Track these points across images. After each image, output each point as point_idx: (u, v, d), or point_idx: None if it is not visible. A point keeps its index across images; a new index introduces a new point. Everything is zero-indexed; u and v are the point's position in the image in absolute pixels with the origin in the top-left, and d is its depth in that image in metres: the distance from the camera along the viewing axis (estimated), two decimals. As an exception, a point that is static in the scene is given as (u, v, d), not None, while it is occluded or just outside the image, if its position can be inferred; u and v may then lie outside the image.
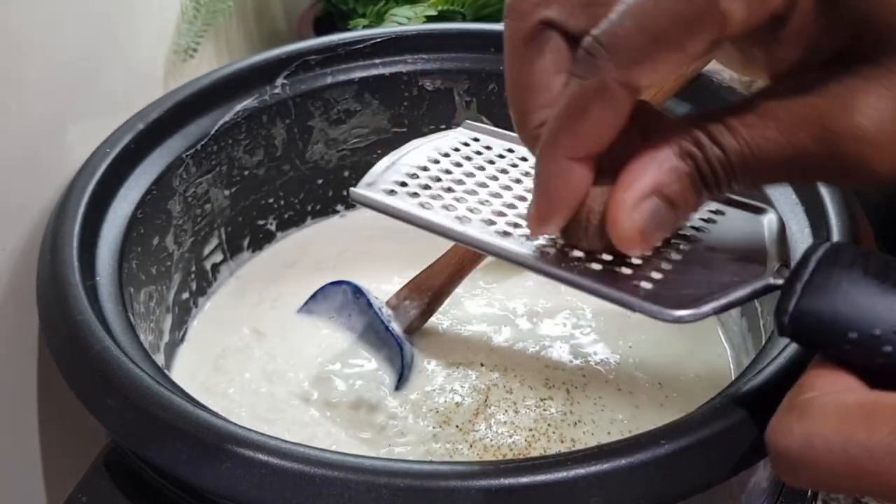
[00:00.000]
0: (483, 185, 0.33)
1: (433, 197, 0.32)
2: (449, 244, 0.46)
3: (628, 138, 0.27)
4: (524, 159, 0.34)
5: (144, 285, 0.45)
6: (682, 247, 0.30)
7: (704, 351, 0.47)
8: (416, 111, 0.55)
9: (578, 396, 0.43)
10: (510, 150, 0.35)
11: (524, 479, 0.29)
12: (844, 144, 0.24)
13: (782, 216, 0.41)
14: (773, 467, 0.25)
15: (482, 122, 0.37)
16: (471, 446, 0.41)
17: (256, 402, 0.44)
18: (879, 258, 0.26)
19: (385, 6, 0.71)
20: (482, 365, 0.45)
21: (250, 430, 0.31)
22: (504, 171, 0.34)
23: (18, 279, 0.44)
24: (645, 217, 0.26)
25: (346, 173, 0.56)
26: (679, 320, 0.27)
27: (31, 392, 0.46)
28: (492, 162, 0.34)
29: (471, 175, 0.34)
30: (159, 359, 0.45)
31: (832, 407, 0.24)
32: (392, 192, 0.32)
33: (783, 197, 0.43)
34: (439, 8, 0.69)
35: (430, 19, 0.67)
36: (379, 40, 0.54)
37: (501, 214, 0.31)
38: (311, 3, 0.78)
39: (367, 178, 0.33)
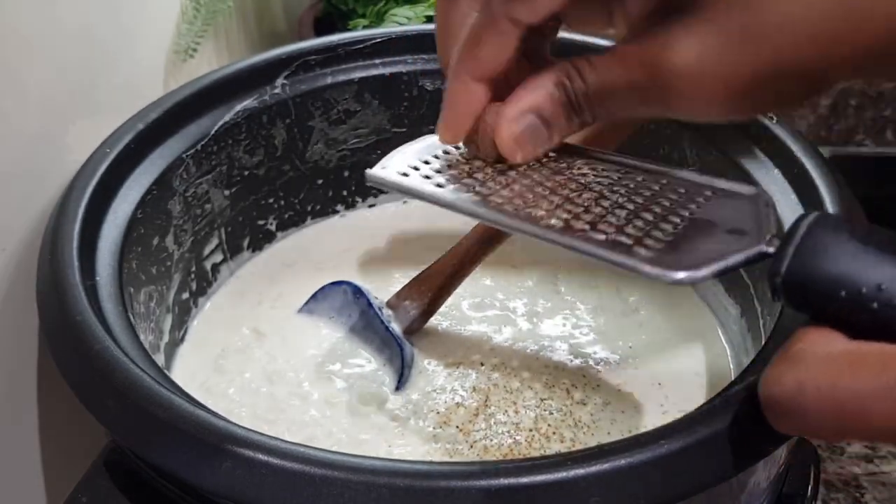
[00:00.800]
0: (497, 170, 0.35)
1: (446, 179, 0.35)
2: (448, 245, 0.46)
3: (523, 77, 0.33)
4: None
5: (144, 285, 0.45)
6: (680, 221, 0.32)
7: (704, 351, 0.47)
8: (416, 111, 0.55)
9: (578, 396, 0.43)
10: None
11: (524, 480, 0.29)
12: (664, 76, 0.30)
13: (782, 217, 0.42)
14: (766, 415, 0.27)
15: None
16: (471, 446, 0.41)
17: (256, 402, 0.44)
18: (863, 225, 0.29)
19: (385, 6, 0.71)
20: (482, 365, 0.45)
21: (250, 430, 0.31)
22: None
23: (19, 279, 0.44)
24: (522, 128, 0.33)
25: (346, 173, 0.56)
26: (678, 282, 0.29)
27: (31, 392, 0.46)
28: None
29: (483, 162, 0.36)
30: (159, 359, 0.45)
31: (821, 355, 0.26)
32: (406, 175, 0.35)
33: (784, 196, 0.43)
34: (439, 8, 0.68)
35: (430, 19, 0.67)
36: (379, 40, 0.54)
37: (511, 196, 0.33)
38: (311, 4, 0.78)
39: (382, 162, 0.36)
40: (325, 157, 0.55)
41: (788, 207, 0.42)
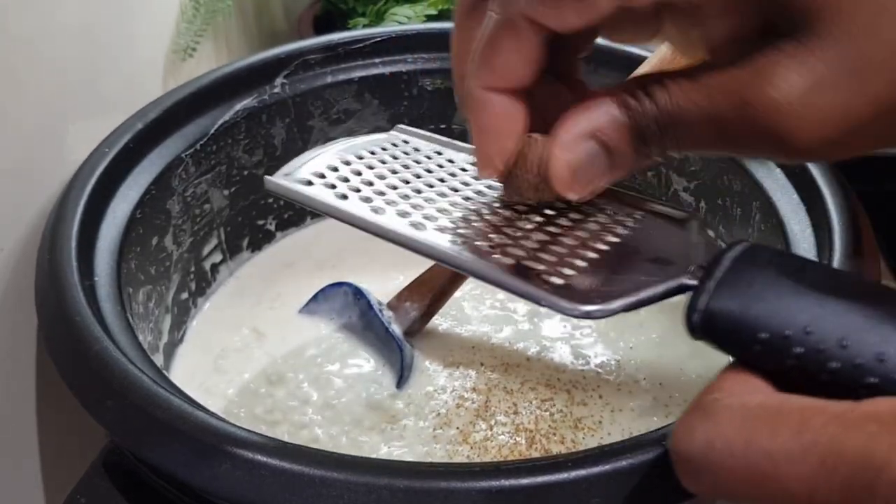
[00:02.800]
0: (405, 181, 0.33)
1: (351, 189, 0.32)
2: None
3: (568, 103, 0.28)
4: (451, 161, 0.35)
5: (143, 285, 0.45)
6: (600, 247, 0.30)
7: (706, 351, 0.46)
8: (416, 111, 0.55)
9: (579, 397, 0.43)
10: (438, 153, 0.35)
11: (524, 481, 0.29)
12: (758, 113, 0.25)
13: (784, 217, 0.42)
14: (675, 472, 0.24)
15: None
16: (471, 447, 0.41)
17: (256, 403, 0.44)
18: (796, 259, 0.26)
19: (385, 5, 0.70)
20: (482, 365, 0.45)
21: (249, 430, 0.31)
22: (428, 171, 0.34)
23: (17, 279, 0.44)
24: (580, 157, 0.27)
25: (346, 173, 0.56)
26: (586, 315, 0.27)
27: (30, 392, 0.46)
28: (418, 162, 0.34)
29: (394, 172, 0.33)
30: (158, 359, 0.45)
31: (736, 408, 0.23)
32: (309, 183, 0.32)
33: (786, 196, 0.43)
34: (439, 7, 0.68)
35: (430, 18, 0.67)
36: (379, 40, 0.54)
37: (418, 207, 0.31)
38: (310, 3, 0.77)
39: (286, 168, 0.33)
40: (325, 157, 0.55)
41: (790, 208, 0.42)
